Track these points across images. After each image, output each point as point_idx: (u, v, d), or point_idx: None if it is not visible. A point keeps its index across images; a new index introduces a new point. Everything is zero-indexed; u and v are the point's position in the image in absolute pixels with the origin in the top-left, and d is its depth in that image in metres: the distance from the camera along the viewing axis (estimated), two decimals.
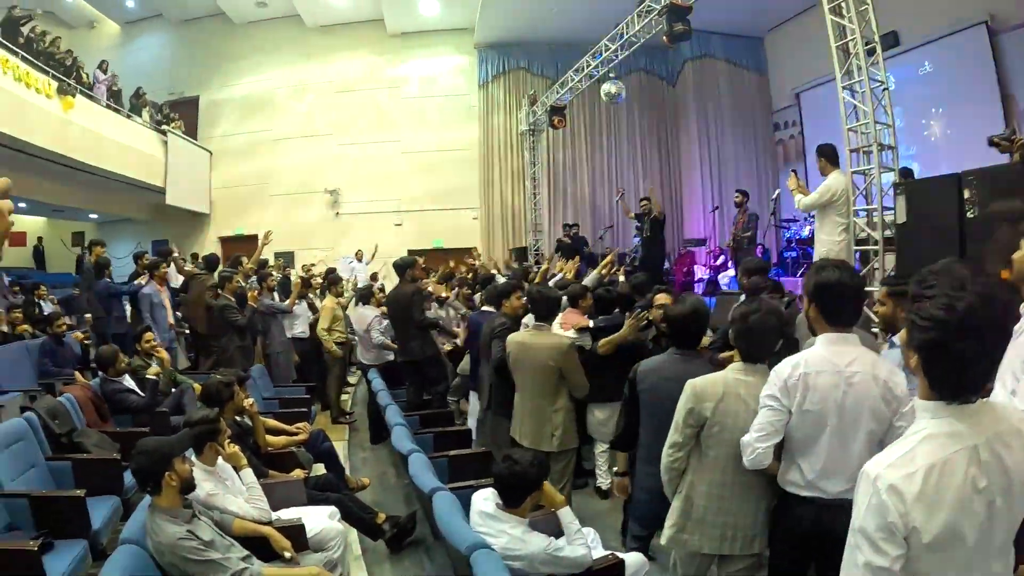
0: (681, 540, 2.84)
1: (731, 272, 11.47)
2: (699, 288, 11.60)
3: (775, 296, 4.74)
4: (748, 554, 2.72)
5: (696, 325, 3.29)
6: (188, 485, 2.94)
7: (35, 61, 11.06)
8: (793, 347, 3.27)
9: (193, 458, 3.36)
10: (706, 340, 4.40)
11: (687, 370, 3.01)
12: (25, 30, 11.49)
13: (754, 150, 16.62)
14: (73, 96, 11.64)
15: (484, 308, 6.25)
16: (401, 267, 7.05)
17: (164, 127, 14.93)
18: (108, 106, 13.30)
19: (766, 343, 2.77)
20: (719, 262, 12.90)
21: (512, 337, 4.60)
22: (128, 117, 13.91)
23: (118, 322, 8.08)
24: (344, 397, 9.00)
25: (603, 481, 5.48)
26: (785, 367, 2.46)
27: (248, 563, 2.91)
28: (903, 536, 1.46)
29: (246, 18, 17.09)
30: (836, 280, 2.47)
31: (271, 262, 12.80)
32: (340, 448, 6.62)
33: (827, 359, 2.41)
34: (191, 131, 16.45)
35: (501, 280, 7.95)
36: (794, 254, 10.46)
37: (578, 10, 14.13)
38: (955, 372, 1.49)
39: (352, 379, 10.14)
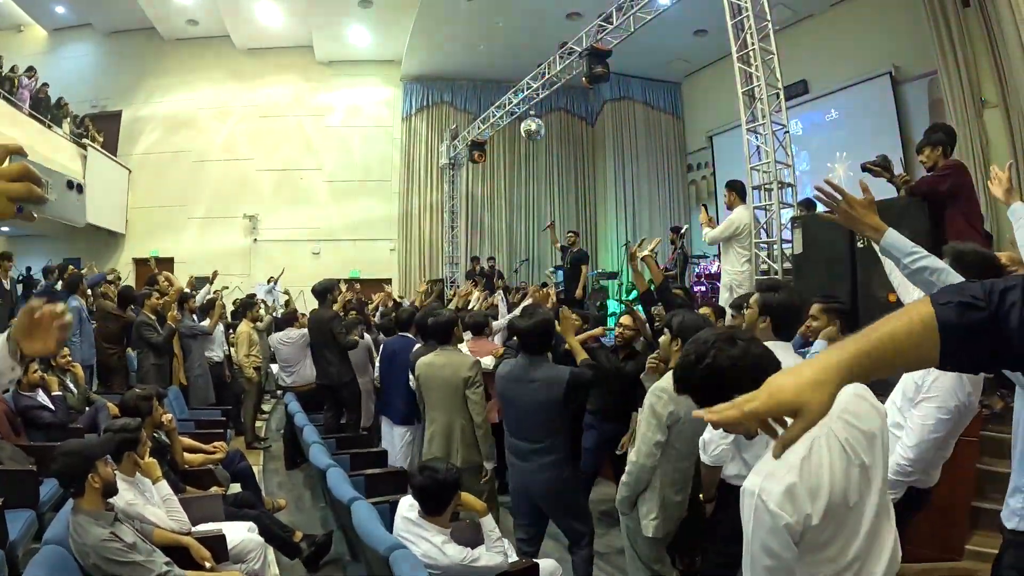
0: (661, 529, 3.24)
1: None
2: (611, 321, 11.86)
3: None
4: None
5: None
6: (110, 488, 2.98)
7: None
8: None
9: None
10: None
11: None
12: None
13: (668, 189, 17.13)
14: None
15: (401, 333, 6.35)
16: (321, 291, 7.07)
17: (85, 141, 14.53)
18: (30, 114, 12.93)
19: None
20: (631, 296, 13.27)
21: (420, 360, 4.75)
22: (49, 127, 13.53)
23: None
24: (259, 424, 8.93)
25: None
26: None
27: (170, 567, 2.95)
28: (800, 530, 1.64)
29: (175, 35, 16.83)
30: (787, 299, 2.89)
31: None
32: (255, 472, 6.60)
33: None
34: (111, 146, 16.00)
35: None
36: (703, 288, 10.83)
37: (503, 49, 14.54)
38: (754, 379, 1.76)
39: (267, 407, 10.06)
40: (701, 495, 3.18)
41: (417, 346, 5.76)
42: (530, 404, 3.79)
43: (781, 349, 2.69)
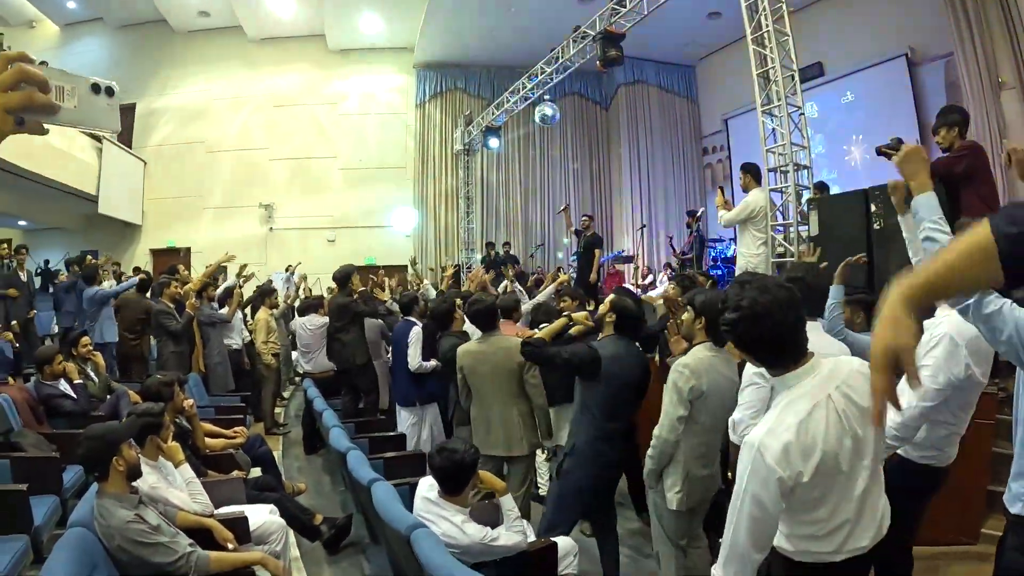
0: (685, 502, 3.29)
1: (658, 289, 11.85)
2: None
3: None
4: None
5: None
6: (135, 471, 3.00)
7: None
8: None
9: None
10: None
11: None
12: None
13: (683, 173, 17.13)
14: None
15: (407, 318, 6.37)
16: (341, 278, 7.12)
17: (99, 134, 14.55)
18: None
19: None
20: (647, 280, 13.27)
21: (462, 349, 4.64)
22: None
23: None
24: (277, 410, 8.98)
25: (545, 490, 5.58)
26: None
27: (194, 548, 2.99)
28: (791, 485, 1.82)
29: (187, 27, 16.86)
30: (802, 276, 2.99)
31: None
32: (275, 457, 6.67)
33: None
34: (125, 139, 16.06)
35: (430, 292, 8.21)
36: (720, 272, 10.76)
37: (516, 34, 14.52)
38: (766, 348, 1.97)
39: (285, 393, 10.14)
40: (730, 473, 3.21)
41: (415, 328, 5.91)
42: (630, 384, 3.79)
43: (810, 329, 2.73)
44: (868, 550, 1.97)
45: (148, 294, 7.98)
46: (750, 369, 2.81)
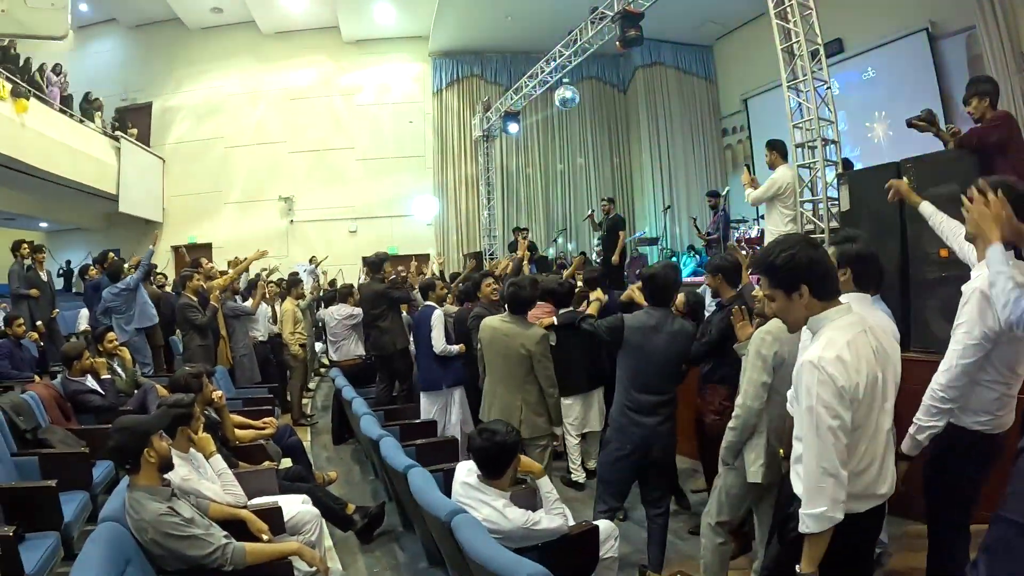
0: (768, 476, 3.20)
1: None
2: None
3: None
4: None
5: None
6: (167, 463, 2.94)
7: None
8: None
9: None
10: None
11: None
12: None
13: (703, 154, 16.93)
14: (27, 99, 11.21)
15: (427, 303, 6.33)
16: (374, 264, 7.09)
17: (118, 133, 14.61)
18: (61, 110, 12.97)
19: None
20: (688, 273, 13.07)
21: (486, 321, 4.60)
22: (81, 122, 13.60)
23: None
24: (304, 401, 8.96)
25: (577, 475, 5.61)
26: None
27: (229, 540, 2.92)
28: (850, 396, 1.96)
29: (200, 24, 16.81)
30: (870, 252, 2.94)
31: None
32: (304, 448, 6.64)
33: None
34: (144, 137, 16.13)
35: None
36: (743, 253, 10.55)
37: (532, 19, 14.37)
38: (825, 274, 2.12)
39: (311, 384, 10.12)
40: (781, 451, 3.09)
41: (437, 311, 5.94)
42: (663, 355, 3.71)
43: (859, 301, 2.68)
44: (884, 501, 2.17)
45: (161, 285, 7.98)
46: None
